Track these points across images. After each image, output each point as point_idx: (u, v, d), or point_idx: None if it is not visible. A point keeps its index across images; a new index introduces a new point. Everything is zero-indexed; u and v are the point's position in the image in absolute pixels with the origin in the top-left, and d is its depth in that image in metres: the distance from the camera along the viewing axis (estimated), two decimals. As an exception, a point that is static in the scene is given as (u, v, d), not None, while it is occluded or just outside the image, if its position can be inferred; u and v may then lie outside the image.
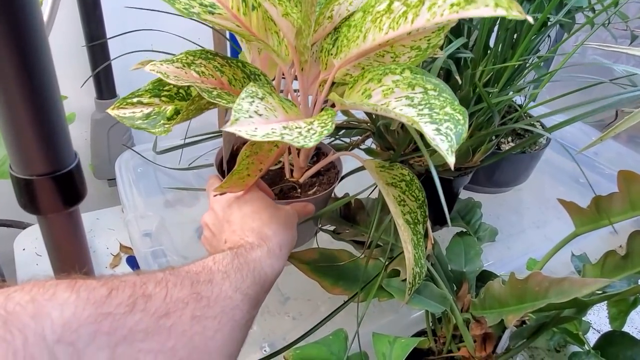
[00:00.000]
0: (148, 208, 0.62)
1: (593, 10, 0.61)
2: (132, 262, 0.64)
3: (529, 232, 0.79)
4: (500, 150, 0.69)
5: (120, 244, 0.71)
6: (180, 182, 0.70)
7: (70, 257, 0.23)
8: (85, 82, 0.75)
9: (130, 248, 0.72)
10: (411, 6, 0.37)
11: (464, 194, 0.68)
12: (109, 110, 0.43)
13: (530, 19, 0.32)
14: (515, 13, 0.32)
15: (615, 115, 0.86)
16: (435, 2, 0.36)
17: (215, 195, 0.44)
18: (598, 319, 0.63)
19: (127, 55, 0.57)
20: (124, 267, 0.67)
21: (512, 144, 0.70)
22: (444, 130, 0.34)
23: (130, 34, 0.55)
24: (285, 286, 0.59)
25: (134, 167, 0.70)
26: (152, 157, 0.68)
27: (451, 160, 0.31)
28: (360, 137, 0.59)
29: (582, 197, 0.46)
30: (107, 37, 0.70)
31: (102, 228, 0.75)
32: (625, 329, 0.48)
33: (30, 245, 0.68)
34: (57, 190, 0.20)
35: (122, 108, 0.44)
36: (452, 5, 0.35)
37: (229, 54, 0.72)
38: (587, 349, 0.49)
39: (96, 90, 0.78)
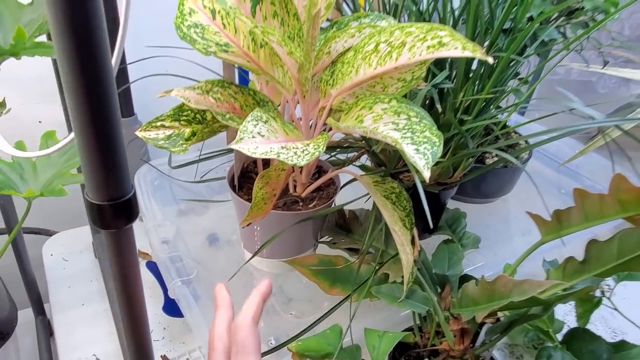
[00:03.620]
0: (165, 217, 0.69)
1: (565, 36, 0.68)
2: (152, 267, 0.71)
3: (515, 239, 0.85)
4: (485, 164, 0.75)
5: (138, 249, 0.78)
6: (193, 193, 0.77)
7: (125, 262, 0.29)
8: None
9: (147, 253, 0.78)
10: (395, 47, 0.44)
11: (454, 205, 0.74)
12: (137, 133, 0.50)
13: (490, 59, 0.39)
14: (479, 55, 0.39)
15: (597, 130, 0.93)
16: (414, 44, 0.43)
17: (243, 227, 0.50)
18: (572, 319, 0.69)
19: (146, 78, 0.64)
20: (143, 271, 0.74)
21: (495, 158, 0.77)
22: (422, 150, 0.40)
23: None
24: (288, 289, 0.65)
25: (151, 180, 0.76)
26: (167, 170, 0.74)
27: (426, 174, 0.37)
28: (355, 154, 0.65)
29: (565, 205, 0.50)
30: (128, 62, 0.77)
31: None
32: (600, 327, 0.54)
33: (57, 251, 0.75)
34: (121, 212, 0.27)
35: (147, 130, 0.51)
36: (428, 47, 0.42)
37: (236, 78, 0.80)
38: (556, 343, 0.55)
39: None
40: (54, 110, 0.78)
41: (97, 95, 0.22)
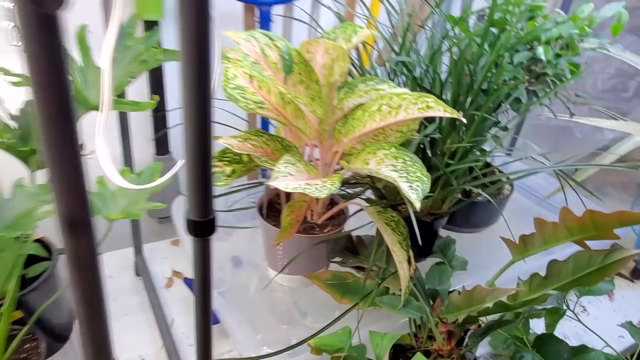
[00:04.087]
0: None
1: (535, 94, 0.82)
2: (188, 282, 0.83)
3: (500, 263, 0.96)
4: (471, 197, 0.88)
5: (172, 269, 0.90)
6: (220, 221, 0.89)
7: (206, 260, 0.42)
8: (153, 140, 0.96)
9: (180, 272, 0.90)
10: (393, 108, 0.58)
11: (447, 234, 0.86)
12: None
13: (463, 119, 0.52)
14: (456, 115, 0.52)
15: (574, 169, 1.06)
16: (408, 106, 0.56)
17: (273, 246, 0.63)
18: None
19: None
20: (178, 287, 0.86)
21: (488, 189, 0.90)
22: (414, 187, 0.53)
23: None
24: (305, 301, 0.77)
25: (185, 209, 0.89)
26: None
27: (417, 205, 0.50)
28: (361, 189, 0.78)
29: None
30: (168, 109, 0.92)
31: (156, 257, 0.93)
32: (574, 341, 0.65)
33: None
34: (209, 226, 0.39)
35: (198, 169, 0.64)
36: (419, 108, 0.55)
37: (259, 123, 0.94)
38: (528, 348, 0.66)
39: (155, 147, 0.99)
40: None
41: (205, 146, 0.35)
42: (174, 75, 0.95)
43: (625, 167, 0.96)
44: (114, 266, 0.90)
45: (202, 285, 0.43)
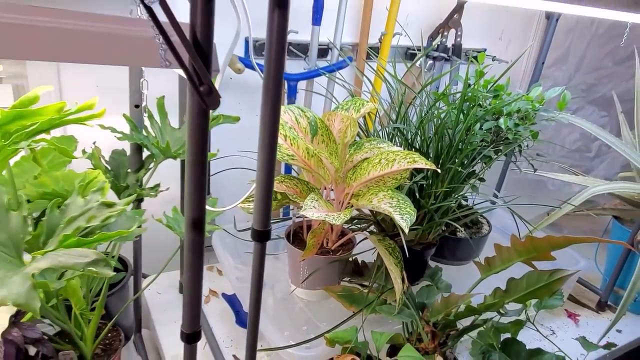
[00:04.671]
0: (236, 263, 1.01)
1: (503, 153, 1.04)
2: (226, 297, 1.02)
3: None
4: (456, 236, 1.08)
5: (209, 288, 1.09)
6: (250, 247, 1.10)
7: (262, 261, 0.62)
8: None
9: (215, 291, 1.09)
10: (390, 161, 0.79)
11: (435, 264, 1.05)
12: (239, 205, 0.84)
13: (438, 170, 0.74)
14: (434, 167, 0.74)
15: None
16: (400, 160, 0.78)
17: (300, 261, 0.84)
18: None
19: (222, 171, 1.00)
20: (215, 303, 1.05)
21: (461, 232, 1.10)
22: (404, 217, 0.74)
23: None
24: (319, 314, 0.96)
25: (221, 237, 1.10)
26: (234, 232, 1.08)
27: (406, 230, 0.71)
28: (366, 225, 0.99)
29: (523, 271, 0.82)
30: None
31: (195, 279, 1.13)
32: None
33: (153, 287, 1.06)
34: (266, 235, 0.60)
35: (244, 203, 0.85)
36: (408, 162, 0.77)
37: (283, 169, 1.16)
38: (497, 350, 0.84)
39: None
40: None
41: (269, 182, 0.57)
42: (214, 134, 1.19)
43: (573, 210, 1.17)
44: (160, 285, 1.10)
45: (257, 278, 0.63)
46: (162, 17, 0.38)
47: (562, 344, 1.07)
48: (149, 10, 0.38)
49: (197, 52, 0.42)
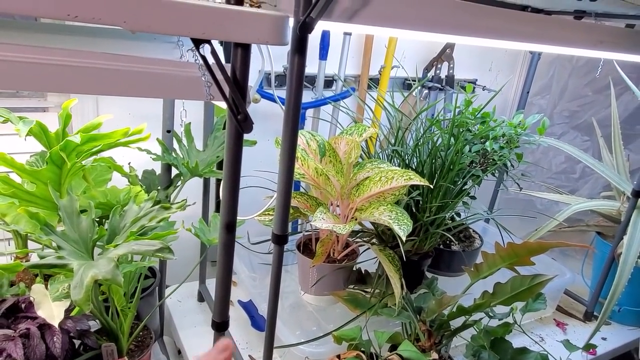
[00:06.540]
0: (251, 273, 1.12)
1: (494, 174, 1.15)
2: (241, 303, 1.12)
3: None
4: (451, 249, 1.18)
5: (225, 297, 1.19)
6: (262, 259, 1.20)
7: (280, 263, 0.73)
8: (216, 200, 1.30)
9: (232, 301, 1.19)
10: (389, 178, 0.91)
11: (432, 275, 1.16)
12: (256, 217, 0.95)
13: (431, 186, 0.85)
14: (426, 183, 0.86)
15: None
16: (398, 178, 0.90)
17: (312, 267, 0.94)
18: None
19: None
20: (233, 311, 1.15)
21: (455, 246, 1.20)
22: (402, 228, 0.85)
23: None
24: (326, 317, 1.05)
25: (237, 251, 1.20)
26: (248, 245, 1.19)
27: (404, 238, 0.81)
28: (368, 238, 1.10)
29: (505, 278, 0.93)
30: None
31: (211, 288, 1.23)
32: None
33: (174, 296, 1.16)
34: (284, 239, 0.71)
35: (261, 216, 0.96)
36: (404, 179, 0.89)
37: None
38: (486, 349, 0.93)
39: (215, 205, 1.32)
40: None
41: (287, 195, 0.68)
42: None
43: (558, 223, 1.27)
44: (181, 294, 1.20)
45: (276, 276, 0.74)
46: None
47: (550, 348, 1.16)
48: (203, 58, 0.51)
49: (236, 87, 0.54)
